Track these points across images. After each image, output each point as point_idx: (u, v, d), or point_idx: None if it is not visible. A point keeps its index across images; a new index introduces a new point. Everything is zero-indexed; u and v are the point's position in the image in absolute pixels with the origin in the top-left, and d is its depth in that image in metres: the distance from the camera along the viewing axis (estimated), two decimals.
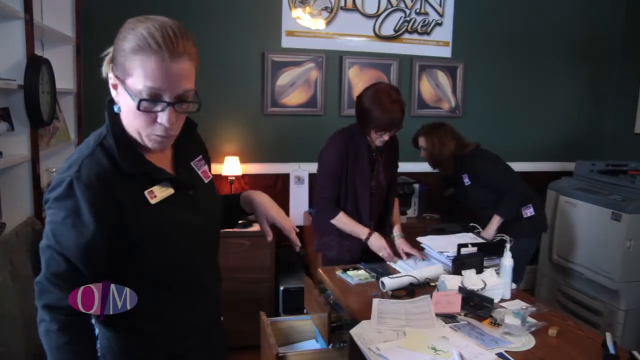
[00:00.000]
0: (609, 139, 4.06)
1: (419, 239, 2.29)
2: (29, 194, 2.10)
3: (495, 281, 1.85)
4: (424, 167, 3.02)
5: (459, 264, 1.95)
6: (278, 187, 3.46)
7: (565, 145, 4.01)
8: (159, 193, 1.08)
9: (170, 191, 1.10)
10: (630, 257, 2.87)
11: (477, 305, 1.72)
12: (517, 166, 3.86)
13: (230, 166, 3.21)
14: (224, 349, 1.35)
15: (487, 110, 3.81)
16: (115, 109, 1.06)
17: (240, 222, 2.88)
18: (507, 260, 1.87)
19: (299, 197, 3.42)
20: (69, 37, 2.70)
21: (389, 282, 1.90)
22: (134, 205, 1.04)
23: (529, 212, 2.75)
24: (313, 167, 2.39)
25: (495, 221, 2.64)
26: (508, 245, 1.89)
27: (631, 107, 3.88)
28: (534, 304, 1.82)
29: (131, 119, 1.03)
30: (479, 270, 1.93)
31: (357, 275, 2.05)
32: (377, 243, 2.22)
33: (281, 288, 3.08)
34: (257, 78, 3.35)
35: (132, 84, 0.98)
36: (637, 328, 2.97)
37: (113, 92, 1.05)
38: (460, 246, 2.01)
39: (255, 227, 3.01)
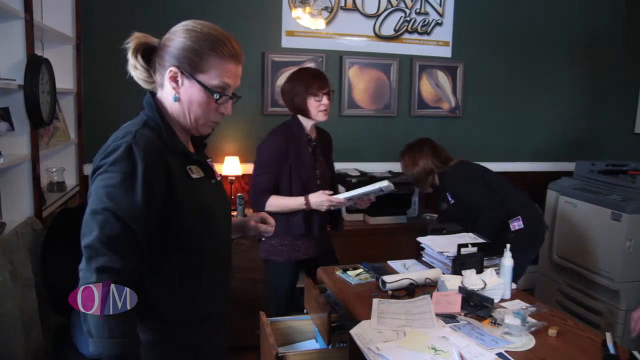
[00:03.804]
0: (609, 139, 4.05)
1: (419, 239, 2.28)
2: (29, 194, 2.10)
3: (495, 281, 1.85)
4: None
5: (459, 264, 1.95)
6: None
7: (565, 145, 4.00)
8: (196, 172, 1.22)
9: (202, 174, 1.24)
10: (630, 257, 2.87)
11: (477, 305, 1.72)
12: (517, 166, 3.89)
13: (230, 166, 3.20)
14: (226, 346, 1.41)
15: (487, 110, 3.81)
16: (173, 98, 1.18)
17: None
18: (507, 260, 1.87)
19: None
20: (69, 37, 2.70)
21: (389, 282, 1.90)
22: (178, 175, 1.16)
23: (517, 224, 2.55)
24: None
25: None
26: (508, 246, 1.89)
27: (631, 107, 3.87)
28: (534, 304, 1.82)
29: (193, 107, 1.18)
30: (479, 270, 1.93)
31: (357, 275, 2.05)
32: (319, 199, 2.20)
33: None
34: (257, 78, 3.35)
35: (206, 79, 1.16)
36: None
37: (170, 83, 1.17)
38: (460, 246, 2.01)
39: None
